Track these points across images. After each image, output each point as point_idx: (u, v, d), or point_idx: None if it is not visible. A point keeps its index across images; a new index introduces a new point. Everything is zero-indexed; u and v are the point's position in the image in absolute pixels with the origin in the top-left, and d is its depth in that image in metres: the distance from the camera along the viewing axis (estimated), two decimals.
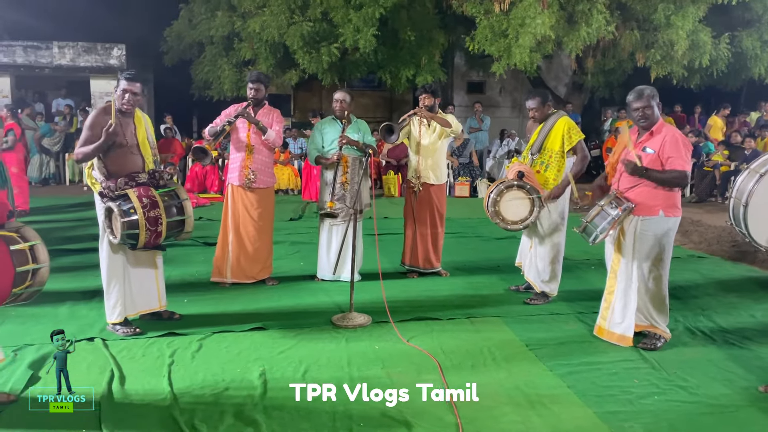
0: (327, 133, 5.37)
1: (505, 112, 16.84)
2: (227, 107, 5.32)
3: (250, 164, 5.18)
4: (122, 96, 3.95)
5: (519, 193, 4.63)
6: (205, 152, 5.19)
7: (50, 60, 14.21)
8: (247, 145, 5.16)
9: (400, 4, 11.47)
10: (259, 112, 5.21)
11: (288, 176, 11.85)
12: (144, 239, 3.79)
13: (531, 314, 4.62)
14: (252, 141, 5.17)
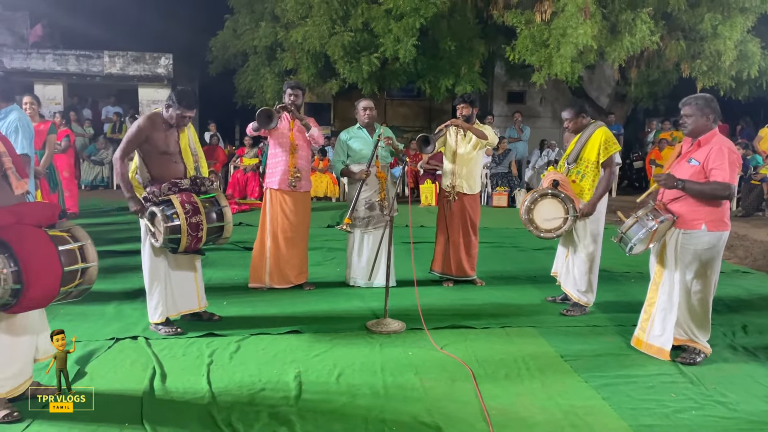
0: (354, 142, 5.43)
1: (545, 123, 16.69)
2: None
3: (296, 163, 5.28)
4: (181, 119, 4.10)
5: (553, 201, 4.61)
6: (270, 117, 5.10)
7: (101, 69, 14.74)
8: (291, 144, 5.26)
9: (441, 14, 11.54)
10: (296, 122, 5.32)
11: (326, 184, 11.99)
12: (185, 244, 3.91)
13: (567, 325, 4.58)
14: (295, 139, 5.27)
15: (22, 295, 2.69)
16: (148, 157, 4.10)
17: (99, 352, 3.84)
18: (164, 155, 4.10)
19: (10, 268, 2.64)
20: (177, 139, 4.18)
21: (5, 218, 2.76)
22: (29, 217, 2.87)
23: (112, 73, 14.81)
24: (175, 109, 4.08)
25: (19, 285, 2.67)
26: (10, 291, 2.66)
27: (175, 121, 4.11)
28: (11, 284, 2.65)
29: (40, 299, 2.81)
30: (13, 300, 2.70)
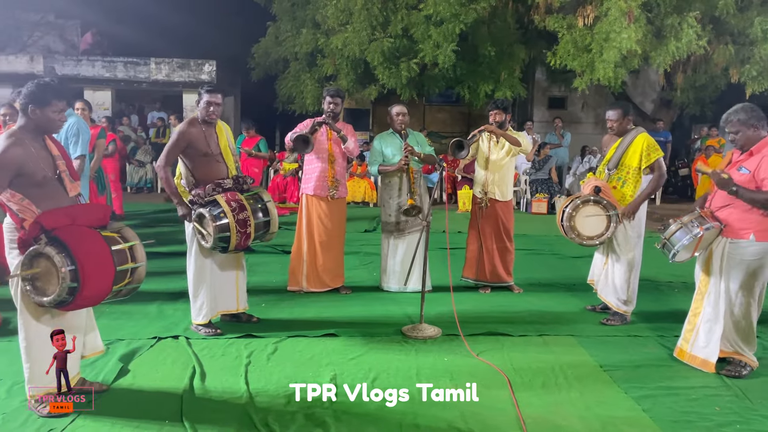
0: (387, 147, 5.45)
1: (587, 128, 16.42)
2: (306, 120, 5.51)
3: (334, 173, 5.33)
4: (207, 108, 4.19)
5: (595, 208, 4.54)
6: (306, 142, 5.15)
7: (147, 75, 15.16)
8: (329, 154, 5.32)
9: (481, 20, 11.49)
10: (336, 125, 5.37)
11: (364, 189, 12.06)
12: (235, 241, 3.99)
13: (607, 335, 4.49)
14: (333, 149, 5.33)
15: (78, 293, 2.80)
16: (191, 161, 4.20)
17: (142, 350, 3.95)
18: (206, 157, 4.19)
19: (67, 267, 2.75)
20: (217, 140, 4.27)
21: (61, 219, 2.88)
22: (82, 218, 2.98)
23: (158, 80, 15.20)
24: (205, 99, 4.17)
25: (76, 283, 2.78)
26: (67, 289, 2.77)
27: (205, 111, 4.18)
28: (68, 282, 2.75)
29: (94, 297, 2.91)
30: (70, 297, 2.81)
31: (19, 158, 2.93)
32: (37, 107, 3.02)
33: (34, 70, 14.04)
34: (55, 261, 2.76)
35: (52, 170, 3.08)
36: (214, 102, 4.20)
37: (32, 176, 2.97)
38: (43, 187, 3.02)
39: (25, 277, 2.85)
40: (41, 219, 2.84)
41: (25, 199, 2.95)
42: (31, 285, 2.85)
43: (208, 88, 4.23)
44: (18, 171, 2.92)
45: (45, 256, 2.80)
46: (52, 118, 3.07)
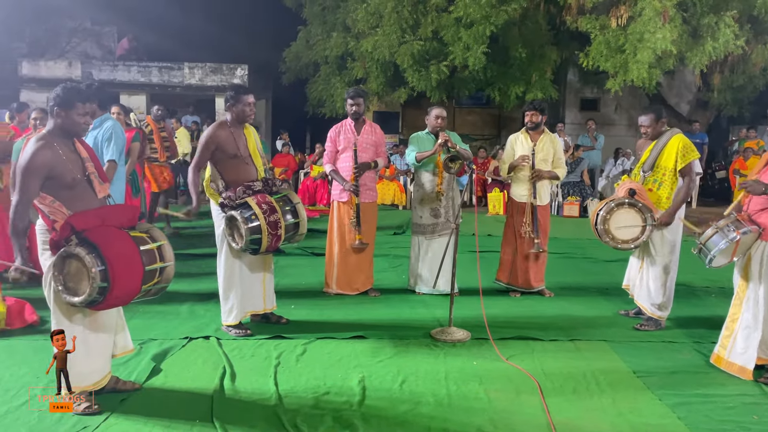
0: (423, 145, 5.42)
1: (620, 131, 16.15)
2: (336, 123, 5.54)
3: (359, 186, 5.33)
4: (247, 109, 4.25)
5: (630, 211, 4.45)
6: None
7: (181, 80, 15.43)
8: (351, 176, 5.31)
9: (512, 21, 11.39)
10: (363, 129, 5.38)
11: (394, 191, 12.05)
12: (266, 243, 4.02)
13: (641, 340, 4.39)
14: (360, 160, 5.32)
15: (108, 292, 2.85)
16: (221, 164, 4.25)
17: (173, 350, 4.01)
18: (236, 159, 4.23)
19: (98, 267, 2.81)
20: (245, 142, 4.32)
21: (91, 220, 2.94)
22: (112, 219, 3.04)
23: (192, 84, 15.46)
24: (237, 101, 4.22)
25: (106, 283, 2.83)
26: (98, 289, 2.82)
27: (243, 112, 4.23)
28: (99, 282, 2.81)
29: (124, 296, 2.97)
30: (100, 297, 2.86)
31: (49, 161, 2.99)
32: (62, 110, 3.09)
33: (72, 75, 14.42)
34: (85, 261, 2.82)
35: (82, 172, 3.15)
36: (252, 102, 4.28)
37: (62, 178, 3.04)
38: (73, 189, 3.08)
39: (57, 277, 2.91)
40: (72, 220, 2.91)
41: (56, 201, 3.02)
42: (63, 285, 2.92)
43: (242, 90, 4.27)
44: (48, 174, 2.99)
45: (76, 257, 2.86)
46: (77, 121, 3.12)
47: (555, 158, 5.41)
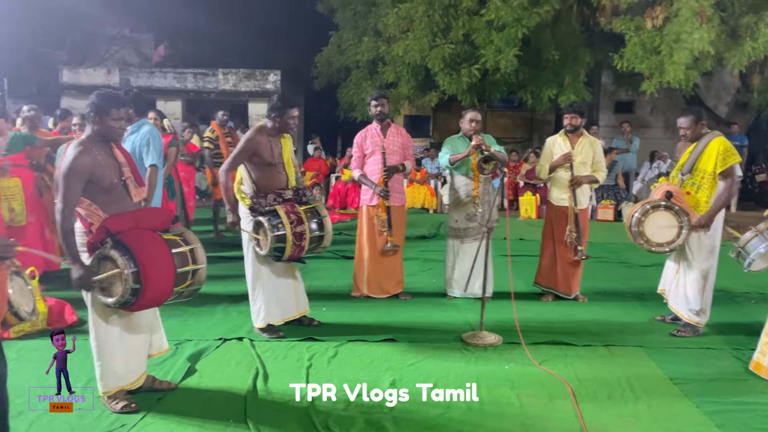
0: (457, 149, 5.39)
1: (656, 133, 15.85)
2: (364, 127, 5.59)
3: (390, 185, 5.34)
4: (292, 122, 4.32)
5: (666, 214, 4.36)
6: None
7: (216, 85, 15.69)
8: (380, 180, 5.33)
9: (544, 24, 11.29)
10: (389, 132, 5.39)
11: (424, 195, 12.04)
12: (289, 252, 4.08)
13: (678, 346, 4.30)
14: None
15: (140, 294, 2.92)
16: (254, 169, 4.31)
17: (208, 351, 4.08)
18: (269, 166, 4.29)
19: (130, 269, 2.88)
20: (281, 150, 4.37)
21: (126, 223, 3.01)
22: (146, 221, 3.11)
23: (226, 90, 15.71)
24: (282, 113, 4.27)
25: (138, 285, 2.90)
26: (130, 290, 2.89)
27: (287, 124, 4.31)
28: (131, 284, 2.88)
29: (156, 298, 3.03)
30: (133, 299, 2.93)
31: (89, 165, 3.08)
32: (98, 115, 3.17)
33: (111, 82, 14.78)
34: (118, 263, 2.89)
35: (119, 176, 3.23)
36: (297, 116, 4.37)
37: (100, 182, 3.12)
38: (110, 192, 3.16)
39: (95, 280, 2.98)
40: (107, 223, 2.98)
41: (93, 204, 3.11)
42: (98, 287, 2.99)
43: (291, 103, 4.34)
44: (88, 178, 3.08)
45: (110, 259, 2.93)
46: (111, 126, 3.19)
47: (594, 161, 5.33)
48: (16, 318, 2.25)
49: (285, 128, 4.34)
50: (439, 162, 5.63)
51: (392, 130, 5.44)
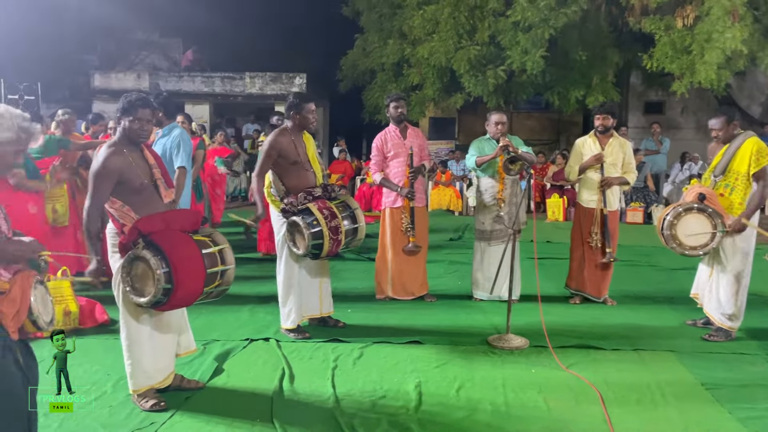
0: (483, 152, 5.36)
1: (687, 134, 15.55)
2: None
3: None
4: (310, 117, 4.33)
5: (699, 216, 4.27)
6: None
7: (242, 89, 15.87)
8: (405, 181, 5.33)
9: (572, 24, 11.17)
10: (408, 134, 5.39)
11: (449, 197, 12.00)
12: (327, 248, 4.10)
13: (710, 351, 4.21)
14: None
15: (171, 294, 2.96)
16: (282, 170, 4.34)
17: (235, 351, 4.12)
18: (296, 165, 4.32)
19: (162, 269, 2.92)
20: (305, 149, 4.39)
21: (156, 224, 3.06)
22: (176, 222, 3.16)
23: (252, 93, 15.88)
24: (300, 109, 4.30)
25: (170, 285, 2.94)
26: (162, 290, 2.93)
27: (306, 119, 4.32)
28: (163, 284, 2.92)
29: (187, 298, 3.08)
30: (164, 298, 2.97)
31: (119, 166, 3.14)
32: (124, 117, 3.23)
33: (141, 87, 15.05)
34: (151, 264, 2.93)
35: (149, 178, 3.28)
36: (314, 110, 4.37)
37: (131, 183, 3.18)
38: (141, 194, 3.22)
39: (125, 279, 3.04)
40: (139, 224, 3.03)
41: (125, 205, 3.17)
42: (130, 286, 3.04)
43: (307, 98, 4.35)
44: (118, 179, 3.14)
45: (142, 259, 2.98)
46: (136, 128, 3.25)
47: (624, 163, 5.25)
48: (34, 326, 2.29)
49: (305, 124, 4.35)
50: (465, 164, 5.59)
51: (410, 132, 5.45)
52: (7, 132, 2.23)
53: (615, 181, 5.18)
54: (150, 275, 2.94)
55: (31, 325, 2.29)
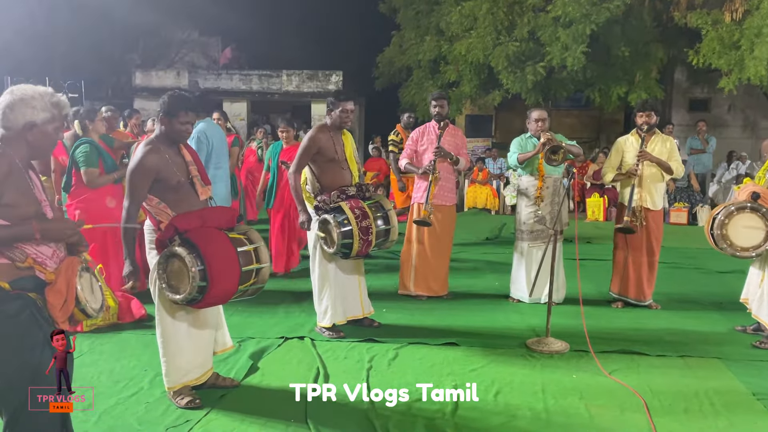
0: (525, 149, 5.23)
1: (734, 132, 15.04)
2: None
3: (435, 190, 5.22)
4: (343, 115, 4.29)
5: (752, 216, 4.07)
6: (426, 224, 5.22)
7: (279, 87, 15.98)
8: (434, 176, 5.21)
9: (614, 19, 10.91)
10: (446, 132, 5.30)
11: (486, 196, 11.84)
12: (357, 248, 4.05)
13: (761, 359, 4.02)
14: (438, 169, 5.23)
15: (207, 292, 2.94)
16: (318, 167, 4.31)
17: (270, 349, 4.10)
18: (332, 163, 4.28)
19: (197, 267, 2.90)
20: (343, 147, 4.36)
21: (193, 221, 3.05)
22: (212, 220, 3.14)
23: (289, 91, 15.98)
24: (335, 107, 4.27)
25: (205, 282, 2.92)
26: (197, 288, 2.92)
27: (340, 118, 4.28)
28: (198, 281, 2.90)
29: (221, 296, 3.06)
30: (199, 296, 2.96)
31: (157, 164, 3.14)
32: (167, 117, 3.23)
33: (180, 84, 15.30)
34: (186, 261, 2.92)
35: (186, 175, 3.28)
36: (350, 109, 4.31)
37: (167, 181, 3.17)
38: (178, 191, 3.21)
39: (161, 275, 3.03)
40: (175, 221, 3.03)
41: (161, 202, 3.17)
42: (166, 283, 3.04)
43: (343, 97, 4.33)
44: (156, 176, 3.14)
45: (178, 256, 2.97)
46: (179, 129, 3.25)
47: (672, 160, 5.04)
48: (83, 314, 2.30)
49: (341, 122, 4.31)
50: (508, 162, 5.47)
51: (449, 131, 5.38)
52: (44, 112, 2.26)
53: (654, 159, 4.95)
54: (185, 272, 2.93)
55: (80, 314, 2.30)
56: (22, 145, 2.26)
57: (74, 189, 5.01)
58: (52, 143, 2.36)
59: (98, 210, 4.88)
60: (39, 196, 2.30)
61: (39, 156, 2.41)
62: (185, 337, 3.26)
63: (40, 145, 2.31)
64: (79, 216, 4.84)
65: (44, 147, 2.34)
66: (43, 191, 2.34)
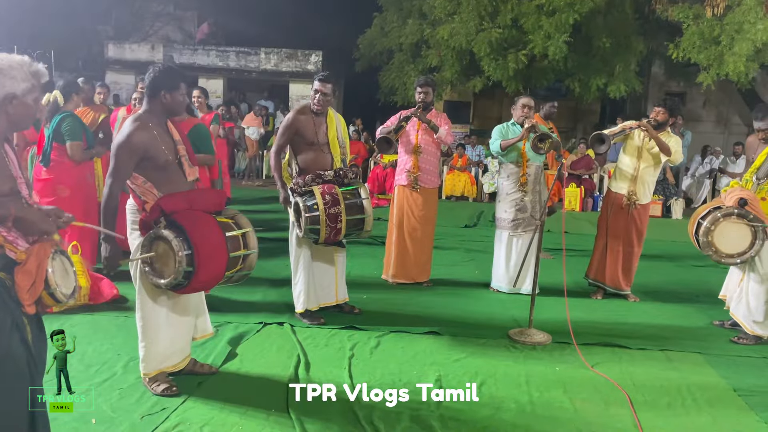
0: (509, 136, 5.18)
1: (707, 127, 15.26)
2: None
3: (418, 164, 5.24)
4: (314, 96, 4.16)
5: (738, 222, 4.08)
6: (389, 143, 5.19)
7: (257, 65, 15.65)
8: (414, 146, 5.23)
9: (597, 10, 10.91)
10: (428, 115, 5.24)
11: (464, 183, 11.80)
12: (324, 235, 3.94)
13: (739, 354, 4.06)
14: (420, 141, 5.21)
15: (192, 277, 2.81)
16: (297, 149, 4.21)
17: (248, 334, 4.00)
18: (312, 146, 4.17)
19: (184, 251, 2.77)
20: (325, 130, 4.24)
21: (180, 204, 2.91)
22: (200, 203, 3.00)
23: (267, 69, 15.66)
24: (313, 87, 4.17)
25: (191, 268, 2.79)
26: (183, 273, 2.79)
27: (316, 101, 4.16)
28: (184, 266, 2.77)
29: (207, 281, 2.94)
30: (185, 281, 2.83)
31: (145, 141, 2.97)
32: (168, 92, 3.06)
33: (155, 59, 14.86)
34: (172, 245, 2.78)
35: (174, 154, 3.12)
36: (322, 91, 4.16)
37: (155, 160, 3.01)
38: (165, 170, 3.05)
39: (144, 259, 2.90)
40: (161, 202, 2.88)
41: (147, 182, 3.01)
42: (149, 266, 2.90)
43: (320, 77, 4.20)
44: (143, 154, 2.97)
45: (163, 239, 2.83)
46: (180, 101, 3.12)
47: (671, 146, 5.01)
48: (53, 299, 2.15)
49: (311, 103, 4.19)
50: (490, 148, 5.41)
51: (432, 114, 5.28)
52: (24, 82, 2.12)
53: (654, 133, 4.88)
54: (171, 256, 2.79)
55: (49, 298, 2.15)
56: (0, 119, 2.10)
57: (54, 163, 4.79)
58: (32, 115, 2.20)
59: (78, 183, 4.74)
60: (14, 172, 2.15)
61: (17, 128, 2.26)
62: (166, 322, 3.13)
63: (21, 117, 2.15)
64: (61, 191, 4.69)
65: (24, 119, 2.18)
66: (18, 167, 2.18)
